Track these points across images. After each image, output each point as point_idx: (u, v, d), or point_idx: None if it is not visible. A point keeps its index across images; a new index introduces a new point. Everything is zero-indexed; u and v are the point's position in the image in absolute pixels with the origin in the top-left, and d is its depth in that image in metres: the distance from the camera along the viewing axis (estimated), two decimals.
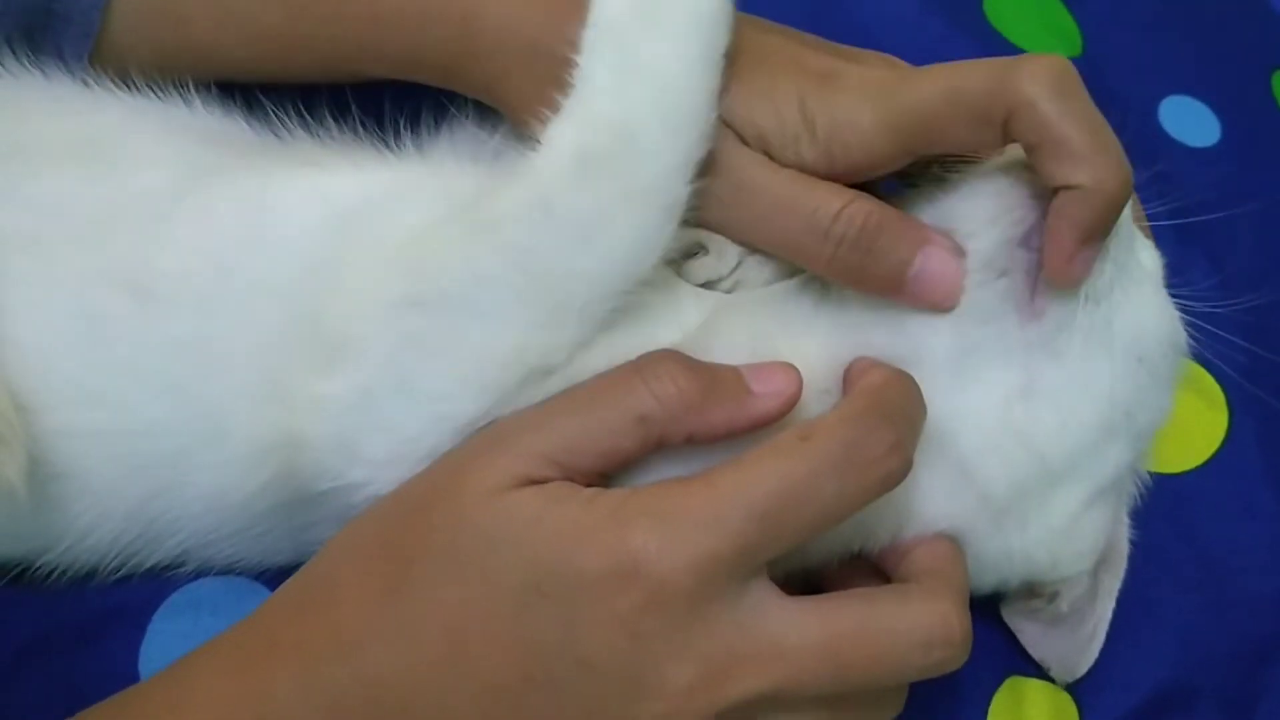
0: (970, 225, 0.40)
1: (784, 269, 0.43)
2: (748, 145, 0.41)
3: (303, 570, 0.39)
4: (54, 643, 0.43)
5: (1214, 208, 0.50)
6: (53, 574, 0.43)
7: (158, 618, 0.44)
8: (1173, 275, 0.44)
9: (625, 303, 0.39)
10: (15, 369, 0.40)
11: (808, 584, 0.41)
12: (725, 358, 0.39)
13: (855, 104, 0.40)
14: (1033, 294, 0.40)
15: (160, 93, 0.46)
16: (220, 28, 0.46)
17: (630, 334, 0.39)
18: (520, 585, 0.35)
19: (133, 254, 0.41)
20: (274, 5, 0.46)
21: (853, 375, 0.40)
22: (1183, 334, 0.43)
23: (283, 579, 0.39)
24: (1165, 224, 0.47)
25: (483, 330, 0.38)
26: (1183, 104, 0.67)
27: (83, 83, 0.46)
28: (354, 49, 0.46)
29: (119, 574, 0.43)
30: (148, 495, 0.41)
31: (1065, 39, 0.68)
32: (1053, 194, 0.38)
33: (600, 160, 0.38)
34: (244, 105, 0.47)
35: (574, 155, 0.38)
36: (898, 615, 0.36)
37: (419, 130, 0.46)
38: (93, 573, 0.43)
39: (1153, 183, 0.51)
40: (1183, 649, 0.49)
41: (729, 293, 0.43)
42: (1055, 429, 0.40)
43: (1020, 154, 0.40)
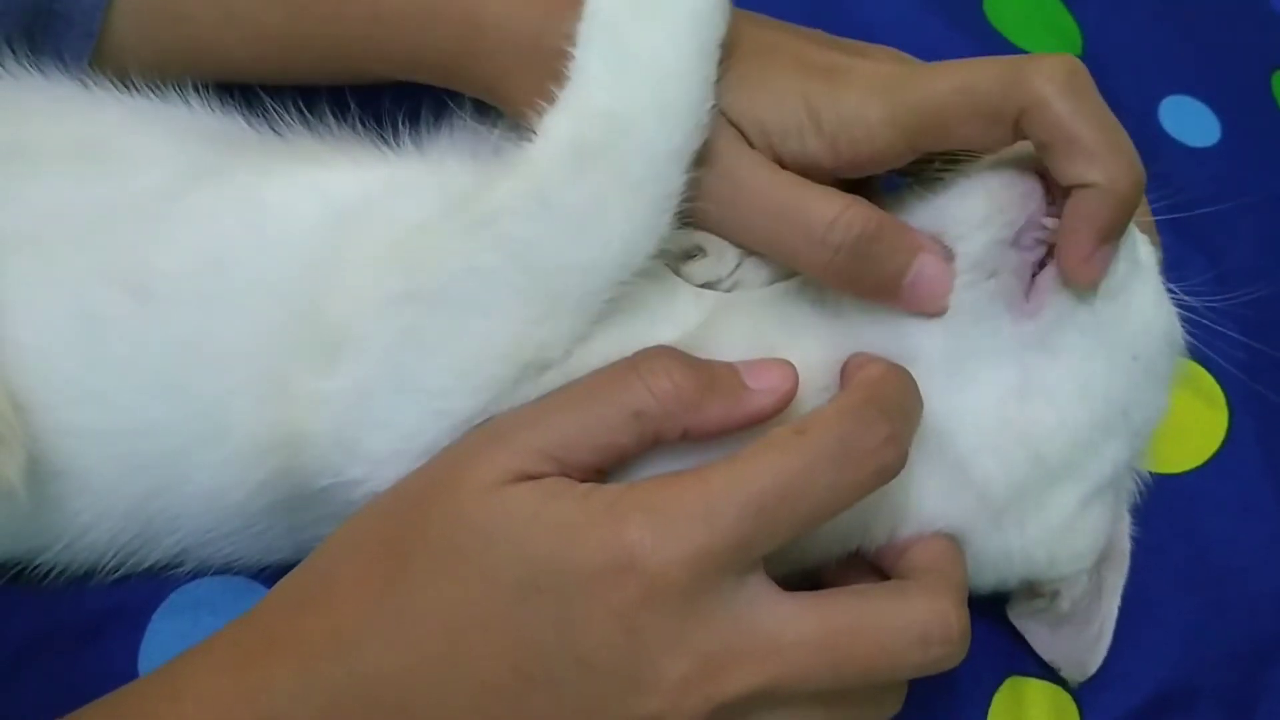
0: (960, 228, 0.40)
1: (782, 270, 0.43)
2: (750, 141, 0.41)
3: (300, 567, 0.39)
4: (54, 643, 0.43)
5: (1213, 207, 0.50)
6: (51, 573, 0.43)
7: (157, 618, 0.44)
8: (1172, 275, 0.44)
9: (623, 300, 0.39)
10: (15, 368, 0.40)
11: (807, 584, 0.41)
12: (724, 357, 0.39)
13: (863, 98, 0.40)
14: (1027, 293, 0.40)
15: (160, 93, 0.46)
16: (222, 27, 0.46)
17: (628, 332, 0.39)
18: (516, 581, 0.35)
19: (132, 253, 0.41)
20: (275, 5, 0.46)
21: (849, 370, 0.40)
22: (1179, 331, 0.44)
23: (281, 578, 0.39)
24: (1164, 223, 0.47)
25: (480, 324, 0.38)
26: (1183, 104, 0.67)
27: (82, 83, 0.46)
28: (355, 49, 0.46)
29: (118, 574, 0.43)
30: (147, 494, 0.41)
31: (1065, 39, 0.68)
32: (1065, 193, 0.39)
33: (595, 151, 0.38)
34: (243, 104, 0.47)
35: (569, 147, 0.38)
36: (895, 611, 0.36)
37: (419, 128, 0.46)
38: (92, 572, 0.43)
39: (1153, 182, 0.51)
40: (1183, 649, 0.49)
41: (728, 293, 0.43)
42: (1052, 427, 0.40)
43: (1011, 153, 0.41)
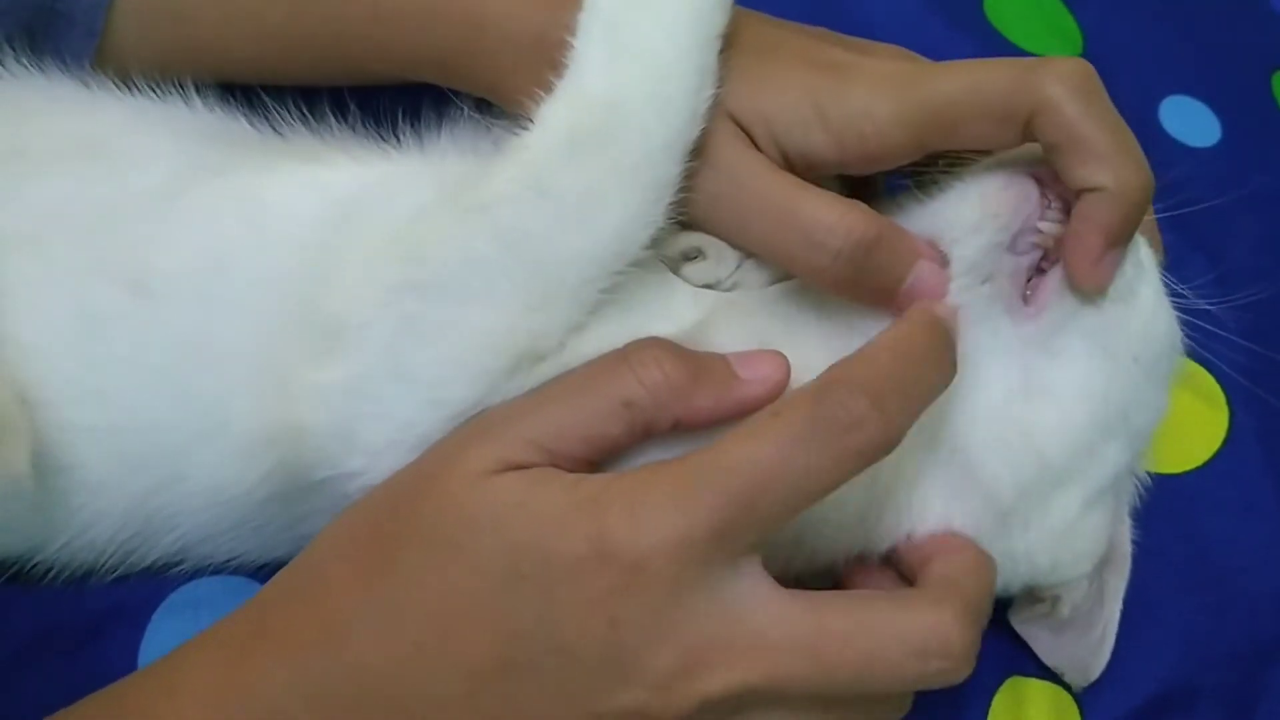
0: (956, 232, 0.40)
1: (782, 272, 0.43)
2: (754, 138, 0.41)
3: (294, 561, 0.39)
4: (54, 643, 0.43)
5: (1214, 208, 0.50)
6: (51, 573, 0.43)
7: (157, 617, 0.44)
8: (1172, 276, 0.44)
9: (619, 297, 0.39)
10: (15, 367, 0.40)
11: (826, 586, 0.41)
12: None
13: (870, 94, 0.40)
14: (1024, 297, 0.40)
15: (160, 93, 0.46)
16: (223, 26, 0.46)
17: (623, 327, 0.39)
18: (502, 569, 0.35)
19: (132, 252, 0.41)
20: (276, 3, 0.46)
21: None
22: (1179, 333, 0.44)
23: None
24: (1165, 223, 0.47)
25: (476, 313, 0.38)
26: (1183, 104, 0.67)
27: (82, 83, 0.46)
28: (356, 47, 0.46)
29: (117, 573, 0.43)
30: (147, 491, 0.41)
31: (1066, 39, 0.68)
32: (1075, 196, 0.39)
33: (592, 140, 0.38)
34: (244, 104, 0.47)
35: (566, 135, 0.38)
36: (892, 620, 0.35)
37: (419, 127, 0.45)
38: (92, 572, 0.43)
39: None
40: (1184, 649, 0.49)
41: (727, 293, 0.43)
42: (1055, 427, 0.40)
43: (1008, 157, 0.41)
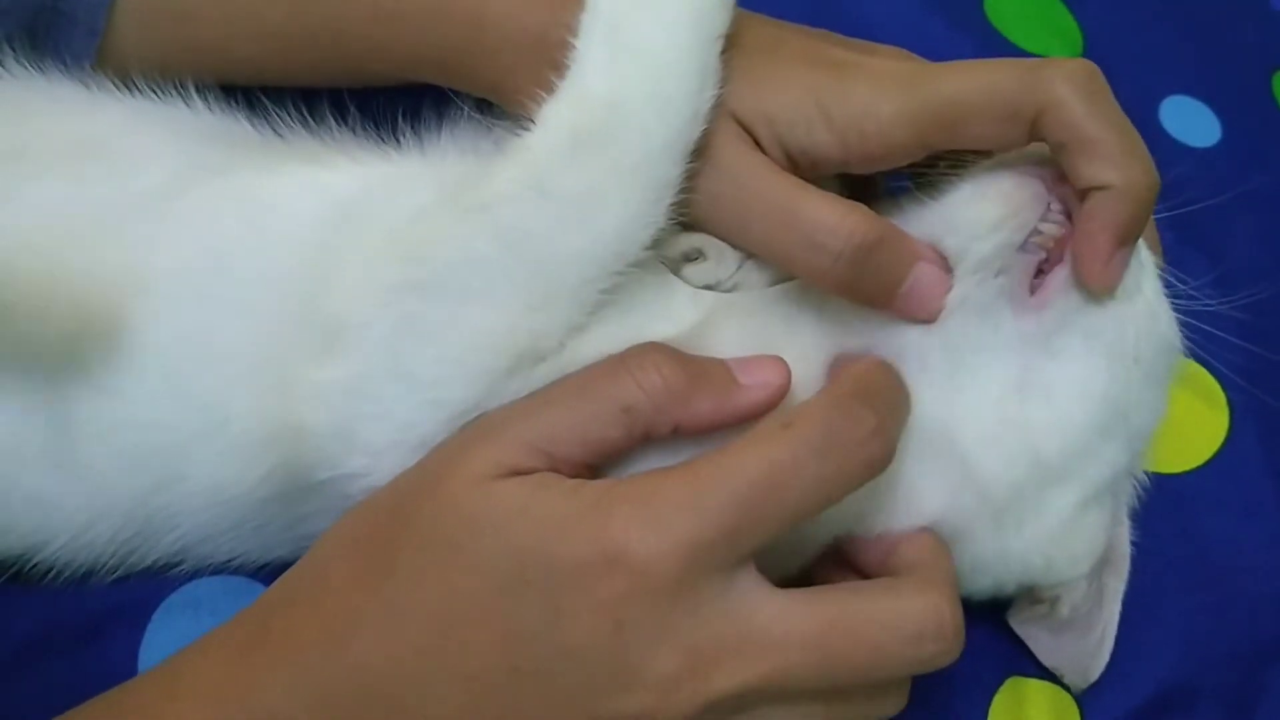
0: (975, 228, 0.40)
1: (782, 274, 0.43)
2: (757, 137, 0.41)
3: (297, 564, 0.39)
4: (54, 643, 0.43)
5: (1214, 208, 0.50)
6: (51, 573, 0.43)
7: (157, 618, 0.44)
8: (1172, 276, 0.44)
9: (619, 297, 0.39)
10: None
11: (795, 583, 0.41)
12: (721, 356, 0.39)
13: (874, 94, 0.40)
14: (1029, 292, 0.40)
15: (160, 93, 0.46)
16: (224, 25, 0.46)
17: (623, 328, 0.39)
18: (504, 574, 0.35)
19: (132, 252, 0.41)
20: (278, 2, 0.45)
21: (836, 367, 0.40)
22: (1178, 334, 0.43)
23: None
24: (1164, 223, 0.47)
25: (476, 312, 0.38)
26: (1183, 104, 0.67)
27: (83, 83, 0.46)
28: (357, 47, 0.46)
29: (118, 573, 0.43)
30: (147, 490, 0.41)
31: (1066, 39, 0.68)
32: (1081, 196, 0.39)
33: (593, 140, 0.38)
34: (244, 106, 0.47)
35: (568, 135, 0.38)
36: (888, 607, 0.36)
37: (419, 127, 0.45)
38: (92, 572, 0.43)
39: None
40: (1184, 649, 0.49)
41: (727, 294, 0.43)
42: (1051, 426, 0.40)
43: (1010, 158, 0.41)
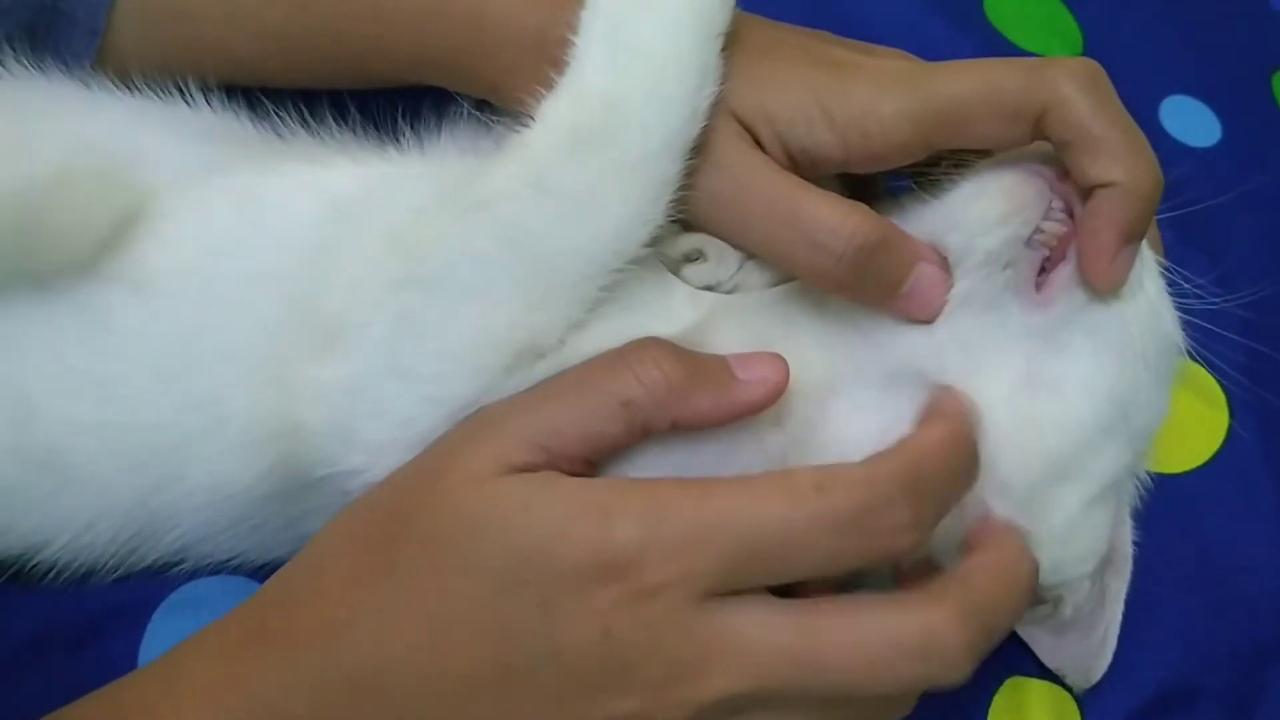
0: (981, 224, 0.39)
1: (782, 274, 0.43)
2: (758, 137, 0.41)
3: (293, 561, 0.39)
4: (54, 642, 0.43)
5: (1214, 208, 0.50)
6: (52, 573, 0.43)
7: (157, 617, 0.44)
8: (1173, 275, 0.44)
9: (619, 296, 0.39)
10: (16, 365, 0.40)
11: None
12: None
13: (876, 93, 0.40)
14: (1036, 287, 0.40)
15: (160, 93, 0.46)
16: (224, 25, 0.46)
17: (622, 326, 0.39)
18: (501, 572, 0.35)
19: (132, 251, 0.41)
20: (278, 2, 0.45)
21: (925, 411, 0.38)
22: (1180, 333, 0.43)
23: None
24: (1165, 222, 0.47)
25: (475, 309, 0.38)
26: (1183, 104, 0.67)
27: (82, 83, 0.46)
28: (357, 47, 0.46)
29: (118, 573, 0.43)
30: (147, 490, 0.41)
31: (1066, 39, 0.68)
32: (1085, 194, 0.39)
33: (592, 137, 0.38)
34: (245, 105, 0.47)
35: (567, 132, 0.38)
36: (887, 624, 0.35)
37: (419, 127, 0.46)
38: (92, 572, 0.43)
39: None
40: (1184, 649, 0.49)
41: (728, 293, 0.43)
42: (1058, 420, 0.40)
43: (1012, 156, 0.41)
